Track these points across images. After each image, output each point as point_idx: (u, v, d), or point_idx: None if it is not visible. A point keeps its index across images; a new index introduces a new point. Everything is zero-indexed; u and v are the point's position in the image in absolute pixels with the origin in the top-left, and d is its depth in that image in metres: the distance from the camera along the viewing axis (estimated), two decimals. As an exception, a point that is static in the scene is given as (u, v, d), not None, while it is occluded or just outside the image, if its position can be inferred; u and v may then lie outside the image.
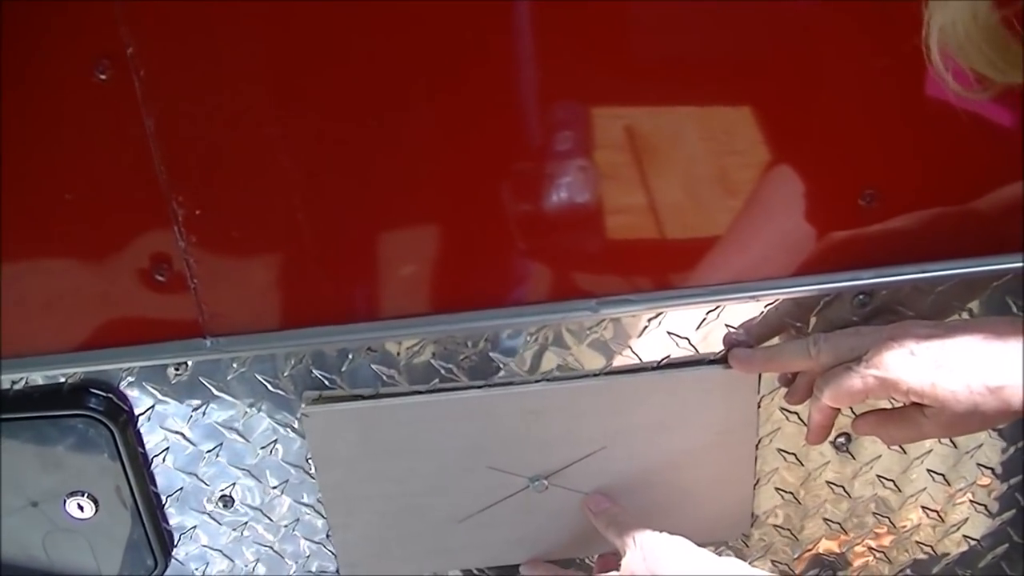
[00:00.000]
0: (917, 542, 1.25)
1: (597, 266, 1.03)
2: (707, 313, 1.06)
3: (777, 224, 1.02)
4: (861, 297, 1.07)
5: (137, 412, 1.08)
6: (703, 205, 1.01)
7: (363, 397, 1.07)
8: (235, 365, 1.06)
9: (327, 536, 1.17)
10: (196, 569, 1.19)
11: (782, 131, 0.98)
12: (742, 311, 1.06)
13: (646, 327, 1.06)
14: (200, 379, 1.07)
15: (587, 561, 1.21)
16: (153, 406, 1.08)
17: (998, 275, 1.07)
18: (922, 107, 0.96)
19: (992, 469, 1.20)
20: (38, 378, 1.06)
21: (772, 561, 1.24)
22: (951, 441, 1.17)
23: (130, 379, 1.06)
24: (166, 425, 1.09)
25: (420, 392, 1.07)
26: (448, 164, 0.97)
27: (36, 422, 1.07)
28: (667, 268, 1.03)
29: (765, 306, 1.07)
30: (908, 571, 1.26)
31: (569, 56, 0.92)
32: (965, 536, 1.25)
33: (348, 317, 1.03)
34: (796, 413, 1.13)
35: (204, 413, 1.08)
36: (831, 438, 1.15)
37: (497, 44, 0.92)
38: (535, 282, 1.03)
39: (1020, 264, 1.06)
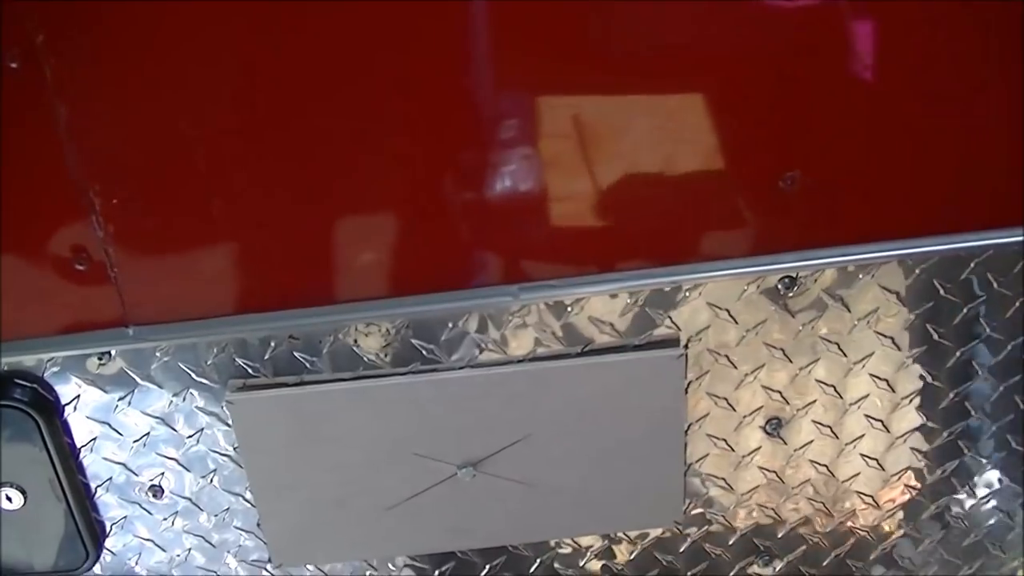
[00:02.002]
0: (853, 528, 1.26)
1: (518, 252, 1.05)
2: (629, 299, 1.08)
3: (698, 209, 1.04)
4: (785, 280, 1.08)
5: (63, 402, 1.10)
6: (623, 192, 1.02)
7: (287, 385, 1.09)
8: (158, 354, 1.08)
9: (258, 526, 1.19)
10: (129, 559, 1.21)
11: (702, 118, 1.00)
12: (665, 297, 1.08)
13: (568, 312, 1.07)
14: (124, 369, 1.09)
15: (514, 549, 1.23)
16: (79, 396, 1.10)
17: (925, 257, 1.09)
18: (843, 90, 0.98)
19: (926, 454, 1.22)
20: (-39, 370, 1.08)
21: (706, 548, 1.25)
22: (884, 426, 1.19)
23: (55, 369, 1.08)
24: (92, 415, 1.12)
25: (344, 379, 1.10)
26: (372, 156, 0.99)
27: (-42, 413, 1.09)
28: (588, 254, 1.05)
29: (687, 291, 1.08)
30: (845, 557, 1.28)
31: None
32: (900, 521, 1.26)
33: (270, 305, 1.04)
34: (725, 398, 1.15)
35: (130, 403, 1.11)
36: (761, 423, 1.17)
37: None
38: (457, 268, 1.04)
39: (945, 247, 1.08)
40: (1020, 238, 1.08)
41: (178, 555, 1.22)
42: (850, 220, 1.06)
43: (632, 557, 1.26)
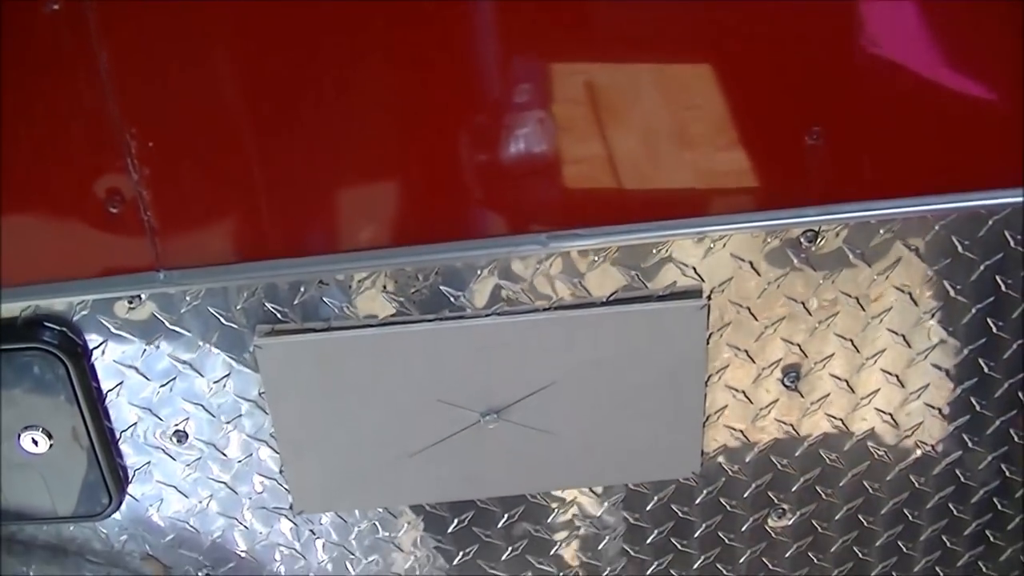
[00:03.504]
0: (865, 483, 1.32)
1: (547, 201, 1.09)
2: (655, 249, 1.13)
3: (724, 164, 1.09)
4: (808, 234, 1.13)
5: (91, 346, 1.14)
6: (652, 144, 1.07)
7: (315, 330, 1.14)
8: (188, 299, 1.12)
9: (280, 472, 1.23)
10: (151, 505, 1.26)
11: (729, 75, 1.05)
12: (690, 248, 1.13)
13: (595, 262, 1.12)
14: (154, 313, 1.13)
15: (533, 498, 1.28)
16: (107, 340, 1.14)
17: (944, 214, 1.14)
18: (865, 45, 1.03)
19: (939, 410, 1.27)
20: (-7, 311, 1.12)
21: (721, 500, 1.31)
22: (899, 381, 1.24)
23: (84, 313, 1.12)
24: (120, 359, 1.16)
25: (371, 325, 1.14)
26: (403, 101, 1.03)
27: (-11, 355, 1.13)
28: (615, 206, 1.10)
29: (712, 243, 1.13)
30: (857, 512, 1.34)
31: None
32: (912, 478, 1.32)
33: (300, 250, 1.09)
34: (745, 350, 1.20)
35: (158, 347, 1.15)
36: (779, 376, 1.22)
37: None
38: (486, 216, 1.09)
39: (964, 204, 1.13)
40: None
41: (200, 501, 1.26)
42: (872, 175, 1.11)
43: (649, 508, 1.31)
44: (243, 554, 1.31)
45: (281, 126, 1.04)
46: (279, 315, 1.14)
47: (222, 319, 1.14)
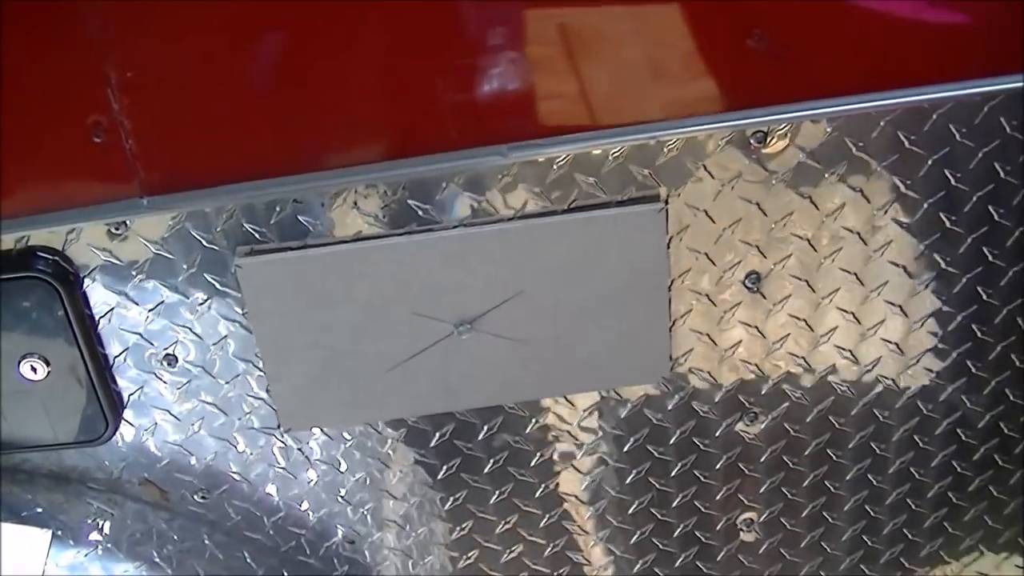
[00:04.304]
0: (833, 383, 1.43)
1: (506, 112, 1.21)
2: (611, 155, 1.24)
3: (673, 69, 1.21)
4: (757, 135, 1.25)
5: (82, 274, 1.26)
6: (604, 54, 1.19)
7: (292, 249, 1.25)
8: (171, 222, 1.24)
9: (267, 392, 1.35)
10: (145, 431, 1.37)
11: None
12: (646, 153, 1.24)
13: (554, 170, 1.24)
14: (139, 239, 1.25)
15: (511, 410, 1.39)
16: (97, 268, 1.26)
17: (886, 111, 1.25)
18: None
19: (901, 307, 1.38)
20: (-14, 244, 1.24)
21: (693, 406, 1.42)
22: (858, 279, 1.35)
23: (74, 242, 1.24)
24: (109, 286, 1.28)
25: (345, 241, 1.26)
26: (371, 23, 1.15)
27: (-14, 287, 1.25)
28: (572, 114, 1.21)
29: (666, 148, 1.24)
30: (827, 413, 1.45)
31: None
32: (879, 377, 1.43)
33: (275, 171, 1.21)
34: (705, 253, 1.31)
35: (144, 273, 1.27)
36: (741, 277, 1.34)
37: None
38: (449, 130, 1.21)
39: (908, 99, 1.24)
40: (981, 89, 1.25)
41: (192, 425, 1.38)
42: (816, 75, 1.22)
43: (624, 416, 1.42)
44: (236, 476, 1.42)
45: (252, 52, 1.16)
46: (258, 235, 1.25)
47: (203, 241, 1.26)
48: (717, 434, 1.45)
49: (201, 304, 1.30)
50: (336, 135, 1.21)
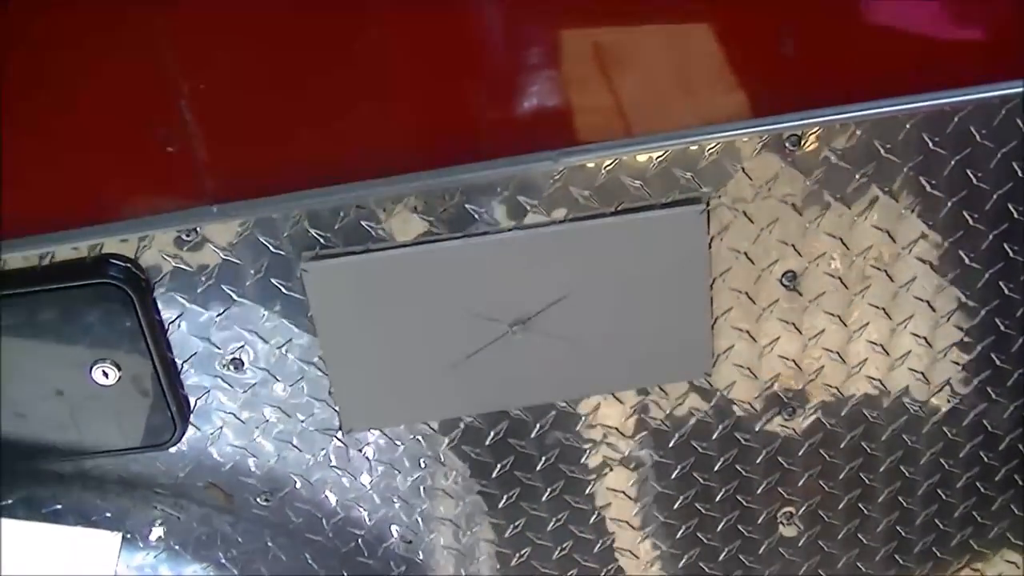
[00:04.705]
0: (867, 377, 1.53)
1: (556, 122, 1.32)
2: (655, 160, 1.34)
3: (707, 77, 1.32)
4: (792, 138, 1.35)
5: (153, 280, 1.36)
6: (647, 70, 1.30)
7: (355, 253, 1.35)
8: (239, 229, 1.33)
9: (329, 393, 1.45)
10: (211, 434, 1.47)
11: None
12: (688, 157, 1.35)
13: (602, 175, 1.34)
14: (209, 245, 1.34)
15: (562, 407, 1.49)
16: (167, 273, 1.36)
17: (911, 113, 1.36)
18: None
19: (928, 302, 1.49)
20: (65, 251, 1.33)
21: (735, 402, 1.52)
22: (888, 276, 1.46)
23: (147, 248, 1.34)
24: (179, 291, 1.37)
25: (406, 245, 1.36)
26: (429, 39, 1.26)
27: (63, 294, 1.34)
28: (619, 121, 1.32)
29: (706, 152, 1.35)
30: (860, 407, 1.55)
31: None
32: (910, 369, 1.53)
33: (340, 178, 1.31)
34: (744, 252, 1.42)
35: (213, 278, 1.36)
36: (779, 275, 1.44)
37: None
38: (503, 138, 1.31)
39: (930, 103, 1.35)
40: (998, 92, 1.37)
41: (256, 427, 1.47)
42: (845, 80, 1.34)
43: (668, 412, 1.52)
44: (298, 479, 1.51)
45: (315, 68, 1.26)
46: (322, 240, 1.35)
47: (271, 247, 1.35)
48: (757, 428, 1.55)
49: (267, 308, 1.39)
50: (397, 143, 1.31)
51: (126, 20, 1.21)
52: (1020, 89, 1.37)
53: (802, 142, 1.36)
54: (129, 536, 1.46)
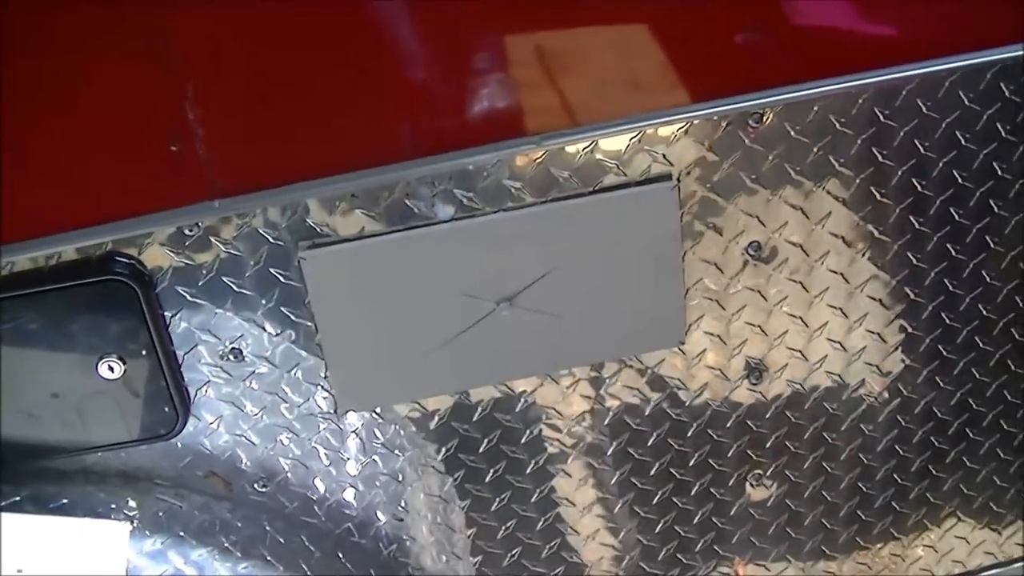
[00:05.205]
0: (828, 339, 1.68)
1: (538, 108, 1.45)
2: (630, 140, 1.48)
3: (674, 61, 1.46)
4: (754, 116, 1.50)
5: (156, 275, 1.46)
6: (620, 57, 1.44)
7: (350, 240, 1.47)
8: (239, 222, 1.44)
9: (324, 377, 1.56)
10: (211, 424, 1.57)
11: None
12: (658, 137, 1.49)
13: (579, 156, 1.47)
14: (210, 239, 1.45)
15: (552, 378, 1.62)
16: (170, 268, 1.46)
17: (863, 89, 1.51)
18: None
19: (881, 265, 1.64)
20: (71, 252, 1.43)
21: (707, 367, 1.66)
22: (845, 242, 1.61)
23: (150, 244, 1.44)
24: (181, 285, 1.47)
25: (398, 230, 1.48)
26: (416, 37, 1.38)
27: (70, 292, 1.43)
28: (595, 105, 1.46)
29: (675, 132, 1.49)
30: (823, 370, 1.70)
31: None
32: (867, 331, 1.69)
33: (333, 169, 1.43)
34: (713, 224, 1.56)
35: (214, 271, 1.47)
36: (743, 246, 1.58)
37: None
38: (488, 124, 1.44)
39: (882, 78, 1.51)
40: (942, 67, 1.52)
41: (254, 415, 1.57)
42: (801, 60, 1.49)
43: (645, 380, 1.66)
44: (293, 464, 1.62)
45: (310, 69, 1.38)
46: (318, 229, 1.46)
47: (270, 238, 1.46)
48: (727, 394, 1.69)
49: (266, 298, 1.50)
50: (388, 134, 1.43)
51: (129, 23, 1.31)
52: (962, 63, 1.52)
53: (763, 119, 1.50)
54: (135, 526, 1.56)
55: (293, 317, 1.52)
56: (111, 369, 1.49)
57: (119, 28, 1.32)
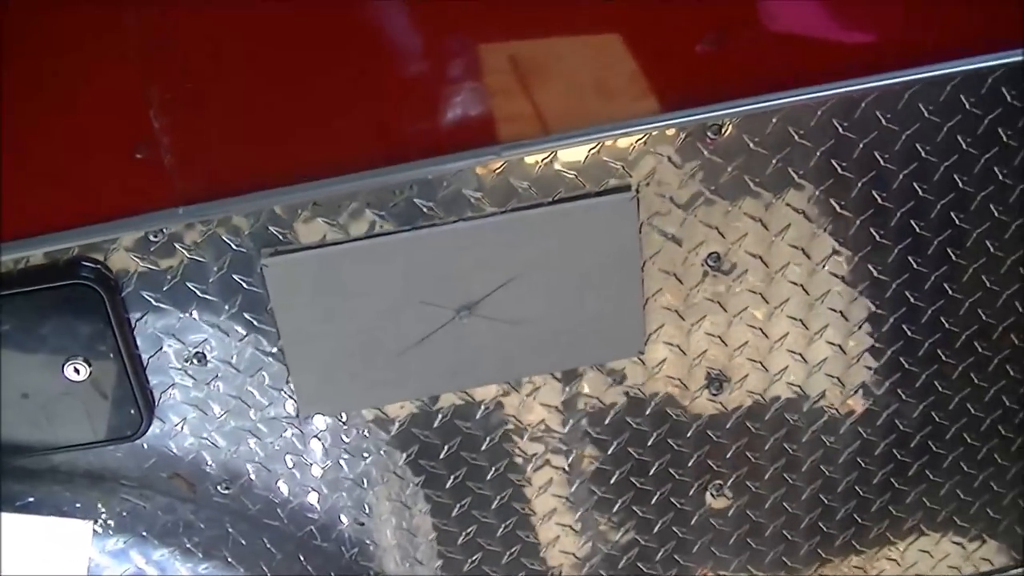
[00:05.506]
0: (788, 351, 1.73)
1: (499, 118, 1.50)
2: (589, 151, 1.53)
3: (631, 75, 1.51)
4: (712, 127, 1.55)
5: (121, 280, 1.52)
6: (578, 72, 1.50)
7: (312, 247, 1.53)
8: (203, 229, 1.50)
9: (287, 382, 1.62)
10: (175, 426, 1.63)
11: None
12: (617, 148, 1.54)
13: (540, 166, 1.53)
14: (174, 245, 1.50)
15: (511, 385, 1.68)
16: (135, 273, 1.51)
17: (823, 101, 1.57)
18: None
19: (843, 278, 1.69)
20: (39, 256, 1.48)
21: (668, 377, 1.71)
22: (804, 254, 1.66)
23: (115, 250, 1.49)
24: (146, 289, 1.53)
25: (359, 238, 1.53)
26: (379, 46, 1.44)
27: (37, 295, 1.49)
28: (555, 116, 1.51)
29: (634, 143, 1.54)
30: (784, 379, 1.75)
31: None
32: (828, 342, 1.74)
33: (295, 178, 1.48)
34: (672, 235, 1.61)
35: (178, 276, 1.52)
36: (703, 257, 1.64)
37: None
38: (448, 135, 1.49)
39: (839, 90, 1.56)
40: (900, 79, 1.58)
41: (218, 418, 1.63)
42: (760, 72, 1.54)
43: (605, 390, 1.71)
44: (256, 467, 1.68)
45: (270, 79, 1.43)
46: (281, 237, 1.52)
47: (233, 245, 1.51)
48: (688, 403, 1.74)
49: (229, 304, 1.56)
50: (350, 143, 1.49)
51: (98, 31, 1.37)
52: (920, 76, 1.57)
53: (722, 131, 1.56)
54: (99, 525, 1.61)
55: (256, 323, 1.57)
56: (77, 371, 1.54)
57: (88, 38, 1.37)
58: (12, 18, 1.34)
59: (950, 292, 1.75)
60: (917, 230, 1.69)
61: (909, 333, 1.76)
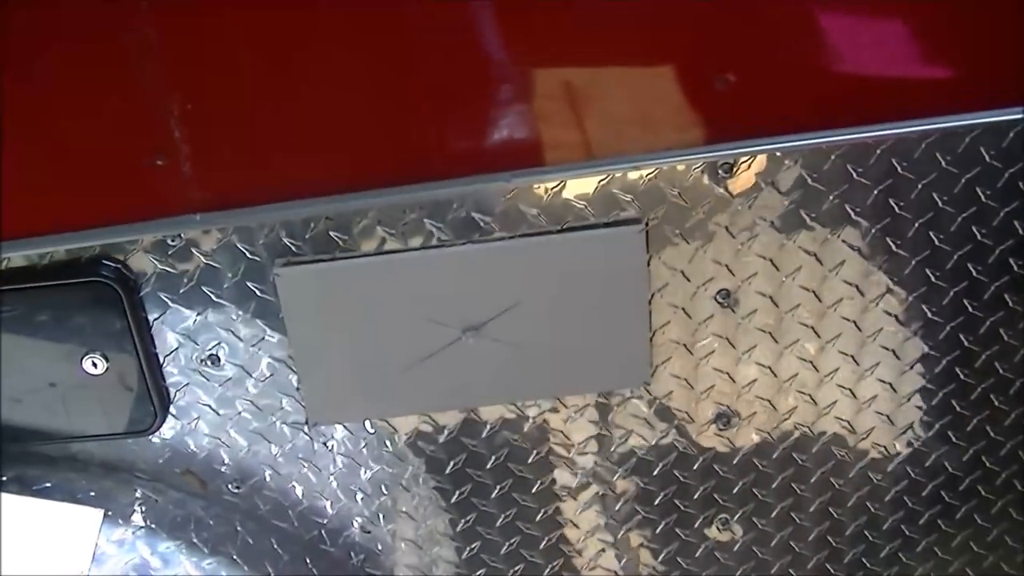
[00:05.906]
0: (798, 391, 1.79)
1: (509, 145, 1.58)
2: (599, 182, 1.60)
3: (648, 109, 1.58)
4: (725, 166, 1.61)
5: (140, 280, 1.62)
6: (593, 96, 1.56)
7: (323, 260, 1.61)
8: (219, 235, 1.59)
9: (297, 389, 1.70)
10: (188, 424, 1.72)
11: (650, 38, 1.54)
12: (628, 181, 1.60)
13: (550, 195, 1.60)
14: (191, 250, 1.60)
15: (516, 407, 1.75)
16: (153, 274, 1.61)
17: (837, 146, 1.61)
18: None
19: (855, 322, 1.74)
20: (63, 252, 1.59)
21: (673, 410, 1.78)
22: (816, 296, 1.71)
23: (135, 251, 1.59)
24: (163, 291, 1.62)
25: (369, 254, 1.61)
26: (395, 69, 1.52)
27: (60, 290, 1.60)
28: (568, 147, 1.58)
29: (645, 177, 1.61)
30: (791, 420, 1.80)
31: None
32: (839, 386, 1.79)
33: (311, 192, 1.57)
34: (681, 271, 1.67)
35: (194, 280, 1.62)
36: (712, 293, 1.70)
37: None
38: (461, 158, 1.57)
39: (856, 136, 1.61)
40: (917, 128, 1.62)
41: (230, 419, 1.72)
42: (775, 114, 1.59)
43: (610, 418, 1.77)
44: (267, 469, 1.77)
45: (291, 93, 1.52)
46: (294, 248, 1.60)
47: (247, 253, 1.60)
48: (694, 436, 1.80)
49: (243, 309, 1.65)
50: (364, 162, 1.57)
51: (119, 46, 1.47)
52: (942, 125, 1.61)
53: (734, 169, 1.61)
54: (110, 514, 1.71)
55: (268, 329, 1.67)
56: (95, 365, 1.64)
57: (115, 48, 1.47)
58: (45, 16, 1.44)
59: (1005, 338, 1.79)
60: (974, 273, 1.72)
61: (928, 375, 1.81)
